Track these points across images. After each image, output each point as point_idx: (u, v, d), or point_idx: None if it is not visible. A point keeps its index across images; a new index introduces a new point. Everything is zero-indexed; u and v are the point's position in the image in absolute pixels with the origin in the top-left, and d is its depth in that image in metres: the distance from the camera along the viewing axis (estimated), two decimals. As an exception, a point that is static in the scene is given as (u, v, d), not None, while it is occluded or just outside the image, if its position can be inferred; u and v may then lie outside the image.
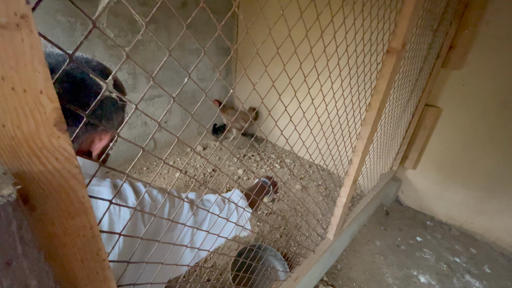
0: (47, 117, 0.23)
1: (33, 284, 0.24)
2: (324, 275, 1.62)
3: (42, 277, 0.24)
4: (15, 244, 0.21)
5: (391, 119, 1.62)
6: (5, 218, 0.20)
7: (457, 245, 1.98)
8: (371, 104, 1.06)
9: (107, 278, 0.37)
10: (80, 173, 0.28)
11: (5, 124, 0.22)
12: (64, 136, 0.25)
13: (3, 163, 0.23)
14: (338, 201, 1.31)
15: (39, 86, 0.22)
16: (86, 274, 0.34)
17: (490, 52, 1.68)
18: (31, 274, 0.23)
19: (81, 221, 0.30)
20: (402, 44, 0.94)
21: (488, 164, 1.87)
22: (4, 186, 0.21)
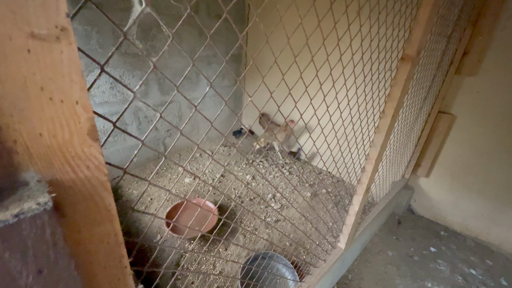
0: (81, 126, 0.24)
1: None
2: (335, 285, 1.59)
3: (70, 284, 0.24)
4: (48, 252, 0.22)
5: (404, 126, 1.60)
6: (41, 226, 0.20)
7: (472, 256, 1.92)
8: (385, 111, 1.05)
9: (128, 285, 0.37)
10: (107, 181, 0.28)
11: (42, 133, 0.22)
12: (95, 145, 0.26)
13: (38, 171, 0.23)
14: (350, 209, 1.28)
15: (75, 96, 0.23)
16: (108, 281, 0.34)
17: (505, 59, 1.65)
18: (61, 281, 0.23)
19: (106, 229, 0.30)
20: (417, 52, 0.93)
21: (504, 173, 1.82)
22: (39, 194, 0.22)
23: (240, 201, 2.28)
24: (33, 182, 0.22)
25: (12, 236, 0.19)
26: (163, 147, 2.78)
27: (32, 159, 0.22)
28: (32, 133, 0.22)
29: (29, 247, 0.20)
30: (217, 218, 1.86)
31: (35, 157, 0.22)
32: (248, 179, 2.64)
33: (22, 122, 0.21)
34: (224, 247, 1.76)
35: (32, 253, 0.21)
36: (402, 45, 0.94)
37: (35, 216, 0.20)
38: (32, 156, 0.22)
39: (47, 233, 0.21)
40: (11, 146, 0.21)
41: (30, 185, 0.22)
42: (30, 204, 0.20)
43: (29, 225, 0.20)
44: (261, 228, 1.94)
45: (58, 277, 0.23)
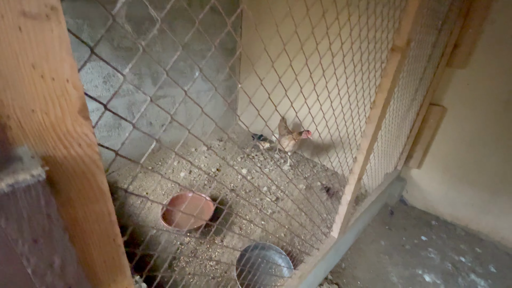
0: (72, 104, 0.25)
1: (57, 262, 0.25)
2: (328, 273, 1.63)
3: (66, 256, 0.25)
4: (43, 222, 0.23)
5: (395, 117, 1.62)
6: (35, 196, 0.22)
7: (462, 244, 1.97)
8: (375, 102, 1.06)
9: (122, 265, 0.38)
10: (100, 160, 0.29)
11: (34, 109, 0.23)
12: (86, 123, 0.27)
13: (31, 147, 0.24)
14: (343, 199, 1.31)
15: (66, 75, 0.24)
16: (103, 259, 0.35)
17: (495, 51, 1.68)
18: (56, 252, 0.25)
19: (100, 207, 0.31)
20: (406, 42, 0.95)
21: (494, 164, 1.86)
22: (33, 167, 0.23)
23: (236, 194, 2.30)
24: (26, 157, 0.24)
25: (8, 205, 0.20)
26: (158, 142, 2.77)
27: (25, 135, 0.23)
28: (25, 109, 0.22)
29: (24, 216, 0.22)
30: (212, 210, 1.87)
31: (28, 133, 0.23)
32: (244, 172, 2.65)
33: (15, 98, 0.22)
34: (220, 239, 1.78)
35: (27, 222, 0.22)
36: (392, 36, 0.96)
37: (29, 187, 0.21)
38: (25, 132, 0.23)
39: (42, 204, 0.22)
40: (5, 121, 0.22)
41: (24, 160, 0.23)
42: (24, 176, 0.21)
43: (24, 195, 0.21)
44: (256, 220, 1.97)
45: (53, 248, 0.24)
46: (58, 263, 0.25)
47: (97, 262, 0.35)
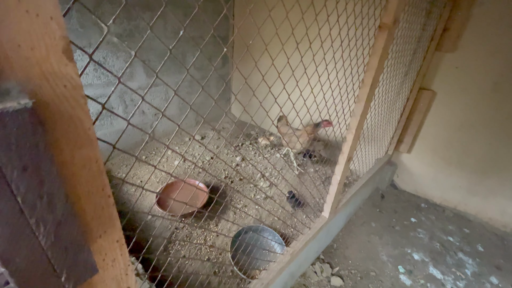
0: (56, 43, 0.26)
1: (46, 192, 0.27)
2: (320, 253, 1.67)
3: (54, 187, 0.27)
4: (31, 151, 0.24)
5: (385, 99, 1.65)
6: (23, 123, 0.23)
7: (450, 225, 2.03)
8: (364, 81, 1.08)
9: (112, 216, 0.40)
10: (86, 104, 0.31)
11: (20, 44, 0.24)
12: (71, 65, 0.28)
13: (18, 83, 0.25)
14: (333, 179, 1.34)
15: (49, 12, 0.25)
16: (93, 208, 0.37)
17: (482, 35, 1.70)
18: (45, 183, 0.26)
19: (87, 153, 0.33)
20: (393, 20, 0.96)
21: (481, 146, 1.91)
22: (20, 97, 0.24)
23: (230, 181, 2.33)
24: (14, 91, 0.25)
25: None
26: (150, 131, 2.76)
27: (12, 70, 0.24)
28: (11, 42, 0.24)
29: (13, 142, 0.23)
30: (207, 197, 1.90)
31: (16, 68, 0.25)
32: (238, 160, 2.68)
33: (1, 31, 0.23)
34: (215, 223, 1.81)
35: (16, 148, 0.23)
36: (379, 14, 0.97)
37: (17, 112, 0.22)
38: (12, 66, 0.24)
39: (29, 131, 0.23)
40: (-9, 53, 0.23)
41: (12, 94, 0.25)
42: (12, 103, 0.23)
43: (12, 120, 0.22)
44: (250, 205, 2.00)
45: (42, 177, 0.26)
46: (47, 196, 0.27)
47: (87, 210, 0.36)
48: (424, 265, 1.68)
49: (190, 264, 1.52)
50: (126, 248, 0.45)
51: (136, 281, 0.50)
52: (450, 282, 1.59)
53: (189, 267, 1.49)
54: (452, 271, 1.66)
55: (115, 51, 2.14)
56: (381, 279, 1.57)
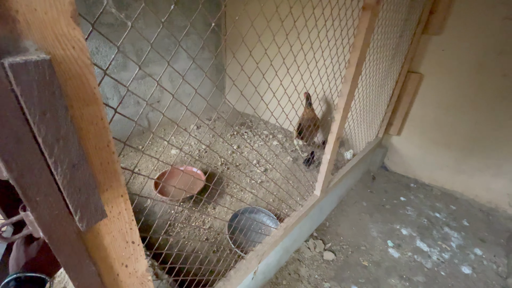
0: (65, 8, 0.31)
1: (62, 136, 0.32)
2: (314, 231, 1.75)
3: (69, 132, 0.32)
4: (50, 98, 0.29)
5: (372, 82, 1.70)
6: (42, 72, 0.28)
7: (438, 203, 2.13)
8: (350, 61, 1.13)
9: (117, 172, 0.45)
10: (92, 65, 0.35)
11: (36, 8, 0.29)
12: (78, 29, 0.33)
13: (35, 42, 0.30)
14: (323, 158, 1.40)
15: (59, -20, 0.29)
16: (100, 161, 0.42)
17: (467, 17, 1.75)
18: (61, 127, 0.31)
19: (93, 110, 0.38)
20: (376, 0, 1.01)
21: (467, 125, 1.99)
22: (39, 53, 0.29)
23: (226, 167, 2.39)
24: (32, 49, 0.29)
25: (21, 74, 0.26)
26: (146, 121, 2.80)
27: (30, 30, 0.29)
28: (29, 6, 0.28)
29: (35, 88, 0.28)
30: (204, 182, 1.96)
31: (33, 28, 0.29)
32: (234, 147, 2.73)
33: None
34: (213, 207, 1.87)
35: (37, 94, 0.28)
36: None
37: (37, 63, 0.27)
38: (30, 27, 0.29)
39: (47, 80, 0.28)
40: (14, 15, 0.27)
41: (30, 51, 0.29)
42: (32, 56, 0.28)
43: (33, 69, 0.27)
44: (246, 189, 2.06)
45: (59, 122, 0.31)
46: (63, 139, 0.32)
47: (95, 163, 0.41)
48: (411, 239, 1.77)
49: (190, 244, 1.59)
50: (130, 204, 0.50)
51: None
52: (436, 254, 1.68)
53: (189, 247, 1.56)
54: (438, 244, 1.75)
55: (107, 41, 2.14)
56: (371, 252, 1.66)
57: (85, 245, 0.44)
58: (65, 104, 0.31)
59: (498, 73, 1.76)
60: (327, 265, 1.55)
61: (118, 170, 0.45)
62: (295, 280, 1.45)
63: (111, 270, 0.53)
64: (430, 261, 1.63)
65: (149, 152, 2.54)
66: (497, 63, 1.74)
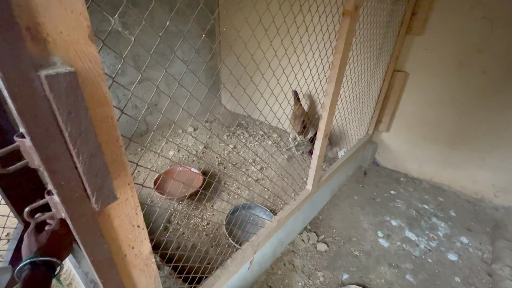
0: (83, 30, 0.39)
1: (83, 130, 0.40)
2: (307, 224, 1.83)
3: (88, 127, 0.40)
4: (74, 101, 0.37)
5: (359, 81, 1.79)
6: (69, 81, 0.36)
7: (426, 195, 2.22)
8: (333, 63, 1.22)
9: (124, 163, 0.53)
10: (103, 75, 0.44)
11: (62, 31, 0.37)
12: (93, 46, 0.41)
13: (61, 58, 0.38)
14: (313, 154, 1.49)
15: (79, 9, 0.38)
16: (110, 154, 0.50)
17: (447, 17, 1.86)
18: (82, 123, 0.39)
19: (105, 110, 0.46)
20: (354, 7, 1.10)
21: (451, 121, 2.09)
22: (65, 66, 0.37)
23: (223, 166, 2.47)
24: (59, 63, 0.38)
25: (53, 83, 0.34)
26: (144, 124, 2.87)
27: (57, 49, 0.37)
28: (56, 30, 0.36)
29: (63, 94, 0.36)
30: (202, 181, 2.03)
31: (59, 47, 0.37)
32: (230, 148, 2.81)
33: (50, 22, 0.35)
34: (211, 204, 1.95)
35: (65, 99, 0.36)
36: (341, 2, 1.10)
37: (66, 74, 0.35)
38: (57, 46, 0.37)
39: (73, 87, 0.36)
40: (45, 36, 0.36)
41: (58, 65, 0.37)
42: (61, 69, 0.36)
43: (63, 79, 0.35)
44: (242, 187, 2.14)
45: (81, 119, 0.39)
46: (84, 133, 0.40)
47: (106, 155, 0.49)
48: (400, 229, 1.86)
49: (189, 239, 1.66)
50: (135, 192, 0.58)
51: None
52: (423, 242, 1.77)
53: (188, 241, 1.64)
54: (426, 233, 1.84)
55: (105, 48, 2.22)
56: (362, 243, 1.74)
57: (99, 226, 0.52)
58: (85, 105, 0.39)
59: (478, 70, 1.86)
60: (320, 256, 1.63)
61: (126, 161, 0.53)
62: (289, 270, 1.53)
63: (120, 250, 0.61)
64: (418, 250, 1.72)
65: (148, 154, 2.62)
66: (476, 60, 1.84)
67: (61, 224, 0.68)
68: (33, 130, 0.36)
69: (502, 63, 1.76)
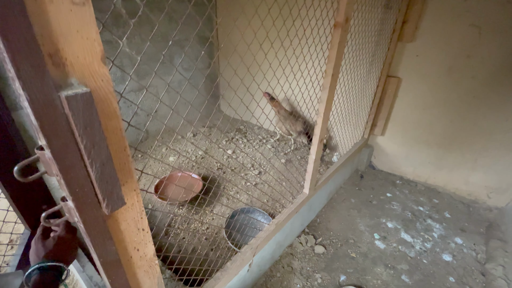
0: (97, 54, 0.44)
1: (97, 142, 0.45)
2: (305, 227, 1.87)
3: (101, 139, 0.45)
4: (90, 117, 0.42)
5: (353, 87, 1.85)
6: (85, 100, 0.41)
7: (421, 197, 2.27)
8: (326, 71, 1.28)
9: (131, 170, 0.58)
10: (113, 92, 0.49)
11: (78, 56, 0.42)
12: (105, 67, 0.46)
13: (77, 79, 0.43)
14: (309, 158, 1.54)
15: (93, 36, 0.43)
16: (119, 162, 0.55)
17: (436, 24, 1.93)
18: (96, 136, 0.44)
19: (115, 123, 0.51)
20: (345, 19, 1.16)
21: (443, 124, 2.14)
22: (81, 86, 0.42)
23: (222, 171, 2.51)
24: (76, 84, 0.42)
25: (73, 103, 0.39)
26: (145, 131, 2.92)
27: (74, 71, 0.42)
28: (74, 55, 0.41)
29: (81, 111, 0.41)
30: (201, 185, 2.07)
31: (76, 70, 0.42)
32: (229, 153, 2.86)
33: (68, 48, 0.40)
34: (210, 209, 1.99)
35: (82, 115, 0.41)
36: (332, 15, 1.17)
37: (83, 94, 0.40)
38: (74, 69, 0.42)
39: (89, 105, 0.41)
40: (64, 61, 0.40)
41: (75, 85, 0.42)
42: (79, 90, 0.41)
43: (80, 98, 0.40)
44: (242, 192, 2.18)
45: (95, 133, 0.43)
46: (97, 144, 0.45)
47: (115, 163, 0.54)
48: (396, 231, 1.90)
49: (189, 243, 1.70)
50: (141, 197, 0.63)
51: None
52: (419, 243, 1.82)
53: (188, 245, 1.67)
54: (421, 234, 1.89)
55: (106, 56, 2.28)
56: (359, 245, 1.78)
57: (108, 229, 0.57)
58: (99, 120, 0.44)
59: (468, 75, 1.92)
60: (318, 258, 1.67)
61: (132, 169, 0.58)
62: (288, 272, 1.57)
63: (126, 252, 0.65)
64: (413, 251, 1.76)
65: (148, 160, 2.65)
66: (465, 66, 1.91)
67: (66, 230, 0.71)
68: (53, 143, 0.41)
69: (491, 68, 1.83)
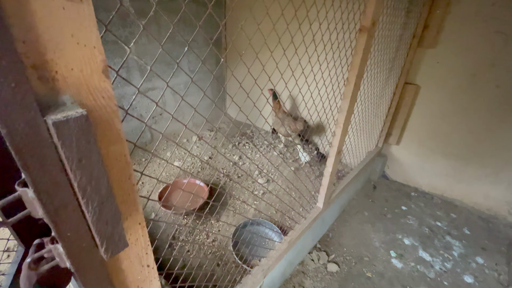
0: (97, 65, 0.35)
1: (95, 177, 0.35)
2: (317, 242, 1.77)
3: (100, 173, 0.35)
4: (86, 146, 0.33)
5: (371, 95, 1.75)
6: (80, 125, 0.31)
7: (438, 211, 2.15)
8: (348, 79, 1.18)
9: (136, 202, 0.48)
10: (117, 111, 0.39)
11: (73, 68, 0.33)
12: (107, 81, 0.36)
13: (71, 96, 0.34)
14: (325, 171, 1.44)
15: (93, 43, 0.33)
16: (122, 193, 0.45)
17: (460, 31, 1.82)
18: (94, 170, 0.35)
19: (118, 148, 0.41)
20: (372, 23, 1.06)
21: (462, 135, 2.03)
22: (74, 107, 0.32)
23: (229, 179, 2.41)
24: (69, 103, 0.33)
25: (63, 130, 0.30)
26: (149, 134, 2.84)
27: (67, 87, 0.33)
28: (67, 67, 0.32)
29: (74, 140, 0.31)
30: (207, 195, 1.98)
31: (69, 85, 0.33)
32: (235, 159, 2.76)
33: (60, 58, 0.31)
34: (216, 219, 1.89)
35: (76, 145, 0.31)
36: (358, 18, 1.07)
37: (77, 118, 0.31)
38: (67, 84, 0.33)
39: (85, 131, 0.32)
40: (54, 75, 0.31)
41: (67, 105, 0.33)
42: (72, 112, 0.31)
43: (74, 124, 0.30)
44: (249, 201, 2.08)
45: (92, 166, 0.34)
46: (95, 180, 0.35)
47: (117, 195, 0.44)
48: (414, 249, 1.79)
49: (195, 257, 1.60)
50: (146, 230, 0.53)
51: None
52: (438, 263, 1.70)
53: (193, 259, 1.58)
54: (440, 253, 1.77)
55: (112, 57, 2.20)
56: (374, 263, 1.67)
57: (107, 273, 0.47)
58: (98, 149, 0.34)
59: (491, 84, 1.81)
60: (331, 277, 1.56)
61: (137, 199, 0.48)
62: (299, 293, 1.46)
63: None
64: (433, 271, 1.65)
65: (152, 164, 2.57)
66: (490, 74, 1.79)
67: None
68: (37, 181, 0.31)
69: (518, 78, 1.71)
